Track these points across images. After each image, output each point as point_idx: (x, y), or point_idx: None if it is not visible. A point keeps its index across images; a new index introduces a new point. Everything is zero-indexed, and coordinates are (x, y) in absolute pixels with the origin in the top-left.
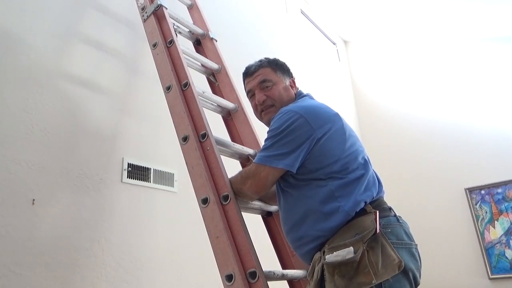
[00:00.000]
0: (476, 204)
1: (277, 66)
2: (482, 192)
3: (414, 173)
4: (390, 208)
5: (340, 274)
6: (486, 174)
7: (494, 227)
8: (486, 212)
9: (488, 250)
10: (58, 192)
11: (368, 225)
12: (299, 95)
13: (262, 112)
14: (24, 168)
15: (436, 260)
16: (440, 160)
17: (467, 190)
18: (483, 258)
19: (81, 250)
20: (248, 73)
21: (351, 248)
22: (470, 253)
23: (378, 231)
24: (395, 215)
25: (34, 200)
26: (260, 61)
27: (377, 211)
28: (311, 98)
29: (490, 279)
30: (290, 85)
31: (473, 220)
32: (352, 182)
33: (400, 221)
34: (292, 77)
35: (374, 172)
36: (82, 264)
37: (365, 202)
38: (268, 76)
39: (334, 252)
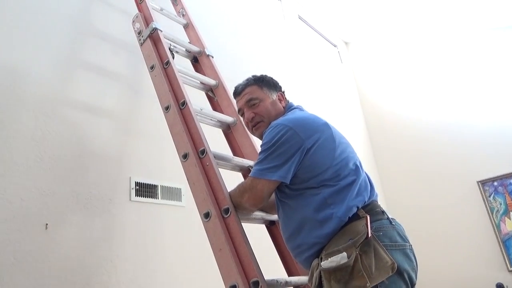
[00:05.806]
0: (489, 196)
1: (263, 83)
2: (495, 183)
3: (425, 170)
4: (383, 211)
5: (336, 279)
6: (497, 165)
7: (510, 218)
8: (501, 204)
9: (505, 242)
10: (69, 215)
11: (360, 230)
12: (289, 108)
13: (253, 127)
14: (35, 194)
15: (454, 255)
16: (450, 155)
17: (479, 183)
18: (501, 250)
19: (95, 269)
20: (237, 93)
21: (345, 253)
22: (487, 246)
23: (369, 235)
24: (388, 218)
25: (47, 224)
26: (247, 79)
27: (368, 216)
28: (301, 109)
29: (510, 271)
30: (278, 99)
31: (488, 212)
32: (343, 189)
33: (393, 223)
34: (281, 90)
35: (367, 176)
36: (97, 283)
37: (357, 207)
38: (254, 94)
39: (329, 258)
